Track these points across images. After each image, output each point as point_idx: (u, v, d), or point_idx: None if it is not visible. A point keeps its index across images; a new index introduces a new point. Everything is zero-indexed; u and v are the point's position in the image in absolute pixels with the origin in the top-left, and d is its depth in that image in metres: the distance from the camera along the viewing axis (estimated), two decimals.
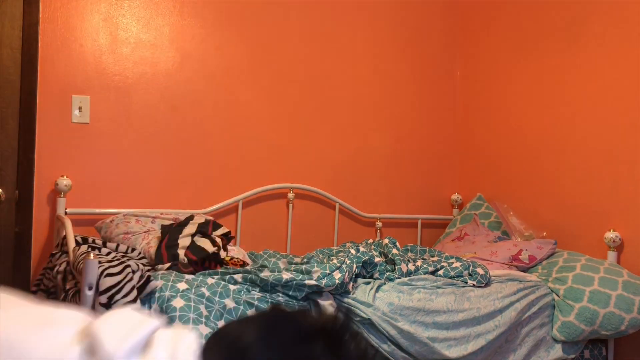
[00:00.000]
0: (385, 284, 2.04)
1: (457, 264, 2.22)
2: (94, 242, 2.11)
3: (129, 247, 2.13)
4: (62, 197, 2.42)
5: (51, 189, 2.46)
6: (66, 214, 2.40)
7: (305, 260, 2.24)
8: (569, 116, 2.65)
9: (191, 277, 1.89)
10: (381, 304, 1.94)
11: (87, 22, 2.52)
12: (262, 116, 2.84)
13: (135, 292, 1.67)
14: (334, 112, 3.00)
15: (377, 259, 2.10)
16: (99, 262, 1.71)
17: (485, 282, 2.16)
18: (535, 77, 2.84)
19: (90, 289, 1.63)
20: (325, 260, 2.13)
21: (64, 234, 2.15)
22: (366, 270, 2.09)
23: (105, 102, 2.55)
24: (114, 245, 2.12)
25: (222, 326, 0.67)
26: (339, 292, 1.93)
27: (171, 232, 2.18)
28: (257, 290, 1.89)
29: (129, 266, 1.74)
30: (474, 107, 3.24)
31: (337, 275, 1.90)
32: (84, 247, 1.98)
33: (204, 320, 1.72)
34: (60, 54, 2.47)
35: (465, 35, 3.32)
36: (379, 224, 3.06)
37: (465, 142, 3.29)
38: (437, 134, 3.27)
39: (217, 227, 2.27)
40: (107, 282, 1.63)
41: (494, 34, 3.11)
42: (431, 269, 2.19)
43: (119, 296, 1.63)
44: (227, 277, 1.93)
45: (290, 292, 1.85)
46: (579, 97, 2.60)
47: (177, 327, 0.64)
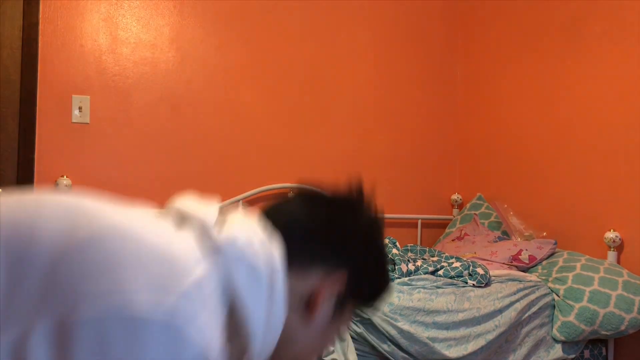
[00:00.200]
0: None
1: (457, 264, 2.22)
2: None
3: None
4: None
5: (51, 189, 2.46)
6: None
7: None
8: (569, 116, 2.65)
9: None
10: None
11: (87, 22, 2.52)
12: (262, 116, 2.84)
13: None
14: (334, 112, 3.00)
15: None
16: None
17: (485, 282, 2.16)
18: (535, 77, 2.84)
19: None
20: None
21: None
22: None
23: (105, 102, 2.55)
24: None
25: (264, 210, 0.82)
26: None
27: None
28: None
29: None
30: (474, 107, 3.23)
31: None
32: None
33: None
34: (60, 54, 2.47)
35: (465, 35, 3.32)
36: None
37: (465, 142, 3.29)
38: (437, 134, 3.27)
39: None
40: None
41: (494, 34, 3.11)
42: (431, 269, 2.19)
43: None
44: None
45: None
46: (579, 97, 2.60)
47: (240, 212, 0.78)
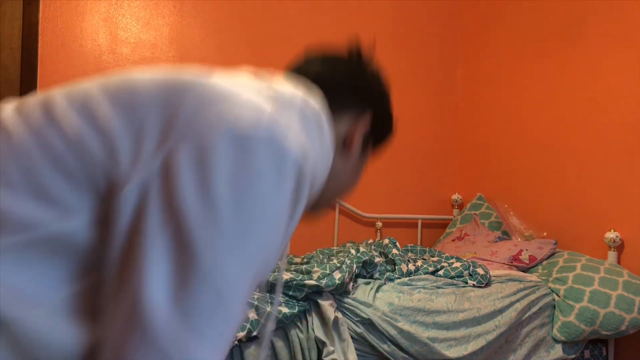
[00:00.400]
0: (385, 284, 2.04)
1: (457, 264, 2.22)
2: None
3: None
4: None
5: None
6: None
7: (305, 260, 2.24)
8: (569, 116, 2.65)
9: None
10: (381, 304, 1.94)
11: (87, 22, 2.52)
12: None
13: None
14: None
15: (377, 259, 2.10)
16: None
17: (485, 282, 2.16)
18: (535, 77, 2.84)
19: None
20: (325, 260, 2.13)
21: None
22: (366, 270, 2.09)
23: None
24: None
25: (289, 71, 0.92)
26: (339, 292, 1.93)
27: None
28: (257, 290, 1.89)
29: None
30: (474, 107, 3.23)
31: (337, 275, 1.90)
32: None
33: None
34: (60, 54, 2.47)
35: (465, 35, 3.32)
36: (379, 224, 3.06)
37: (465, 142, 3.29)
38: (437, 134, 3.27)
39: None
40: None
41: (495, 33, 3.11)
42: (431, 269, 2.19)
43: None
44: None
45: (290, 292, 1.85)
46: (579, 97, 2.60)
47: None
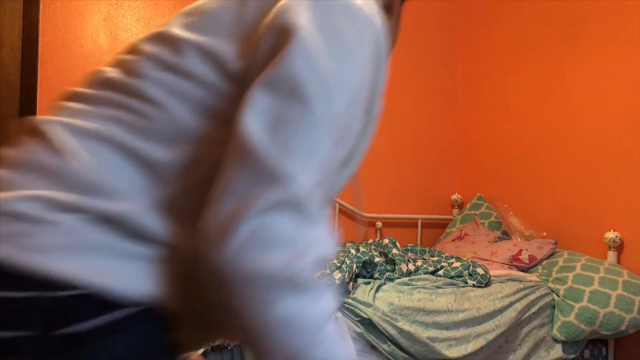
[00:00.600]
0: (385, 284, 2.04)
1: (457, 264, 2.22)
2: None
3: None
4: None
5: None
6: None
7: None
8: (569, 116, 2.65)
9: None
10: (381, 304, 1.94)
11: (87, 22, 2.52)
12: None
13: None
14: None
15: (377, 259, 2.10)
16: None
17: (485, 282, 2.16)
18: (535, 76, 2.84)
19: None
20: None
21: None
22: (366, 270, 2.09)
23: None
24: None
25: None
26: (339, 292, 1.93)
27: None
28: None
29: None
30: (474, 107, 3.23)
31: (337, 275, 1.90)
32: None
33: None
34: (60, 54, 2.47)
35: (465, 35, 3.32)
36: (379, 224, 3.06)
37: (465, 142, 3.29)
38: (437, 134, 3.27)
39: None
40: None
41: (494, 33, 3.11)
42: (431, 269, 2.19)
43: None
44: None
45: None
46: (579, 97, 2.60)
47: None
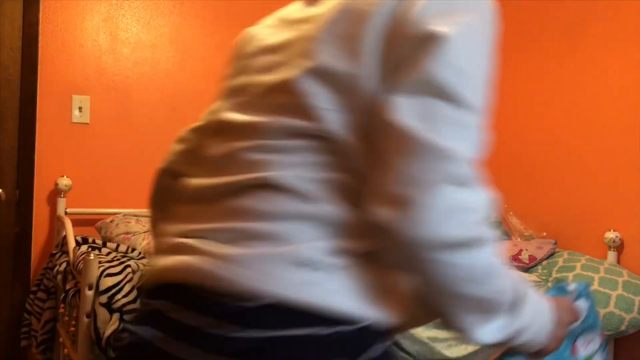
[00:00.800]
0: None
1: None
2: (94, 242, 2.12)
3: (129, 247, 2.13)
4: (62, 197, 2.42)
5: (51, 189, 2.46)
6: (66, 214, 2.40)
7: None
8: (570, 116, 2.65)
9: None
10: None
11: (87, 22, 2.52)
12: None
13: (135, 293, 1.67)
14: None
15: None
16: (99, 262, 1.71)
17: None
18: (535, 77, 2.84)
19: (90, 289, 1.63)
20: None
21: (64, 234, 2.15)
22: None
23: (105, 102, 2.55)
24: (114, 245, 2.12)
25: None
26: None
27: None
28: None
29: (129, 266, 1.74)
30: None
31: None
32: (84, 247, 1.98)
33: None
34: (60, 54, 2.47)
35: None
36: None
37: None
38: None
39: None
40: (107, 282, 1.63)
41: None
42: None
43: (119, 296, 1.63)
44: None
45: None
46: (579, 97, 2.60)
47: None
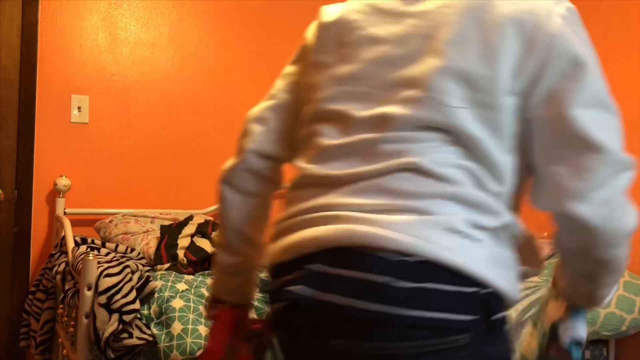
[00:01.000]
0: None
1: None
2: (93, 242, 2.11)
3: (128, 248, 2.13)
4: (61, 197, 2.41)
5: (50, 189, 2.45)
6: (65, 214, 2.40)
7: None
8: None
9: (190, 277, 1.89)
10: None
11: (86, 22, 2.51)
12: None
13: (134, 293, 1.66)
14: None
15: None
16: (98, 263, 1.70)
17: None
18: None
19: (89, 289, 1.63)
20: None
21: (63, 234, 2.15)
22: None
23: (104, 101, 2.54)
24: (113, 245, 2.11)
25: None
26: None
27: (170, 233, 2.18)
28: (257, 290, 1.88)
29: (128, 266, 1.74)
30: None
31: None
32: (83, 248, 1.98)
33: (203, 320, 1.71)
34: (59, 54, 2.47)
35: None
36: None
37: None
38: None
39: (216, 227, 2.26)
40: (106, 282, 1.63)
41: None
42: None
43: (118, 296, 1.62)
44: None
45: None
46: None
47: None
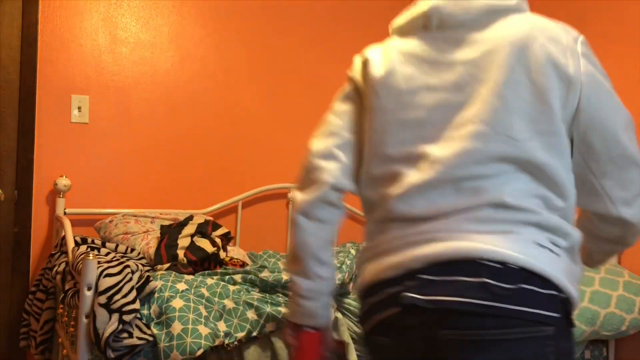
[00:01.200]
0: None
1: None
2: (93, 242, 2.11)
3: (128, 248, 2.13)
4: (62, 197, 2.41)
5: (50, 189, 2.45)
6: (65, 214, 2.40)
7: None
8: None
9: (190, 277, 1.89)
10: None
11: (86, 22, 2.51)
12: (262, 116, 2.84)
13: (134, 293, 1.67)
14: None
15: None
16: (98, 263, 1.70)
17: None
18: None
19: (89, 289, 1.63)
20: None
21: (63, 234, 2.15)
22: None
23: (104, 102, 2.54)
24: (113, 245, 2.12)
25: None
26: (339, 293, 1.93)
27: (170, 233, 2.18)
28: (257, 290, 1.88)
29: (128, 266, 1.74)
30: None
31: (337, 275, 1.90)
32: (83, 248, 1.98)
33: (203, 320, 1.71)
34: (59, 54, 2.47)
35: None
36: None
37: None
38: None
39: (216, 227, 2.26)
40: (106, 282, 1.63)
41: None
42: None
43: (118, 296, 1.62)
44: (227, 277, 1.92)
45: (290, 293, 1.84)
46: None
47: None
